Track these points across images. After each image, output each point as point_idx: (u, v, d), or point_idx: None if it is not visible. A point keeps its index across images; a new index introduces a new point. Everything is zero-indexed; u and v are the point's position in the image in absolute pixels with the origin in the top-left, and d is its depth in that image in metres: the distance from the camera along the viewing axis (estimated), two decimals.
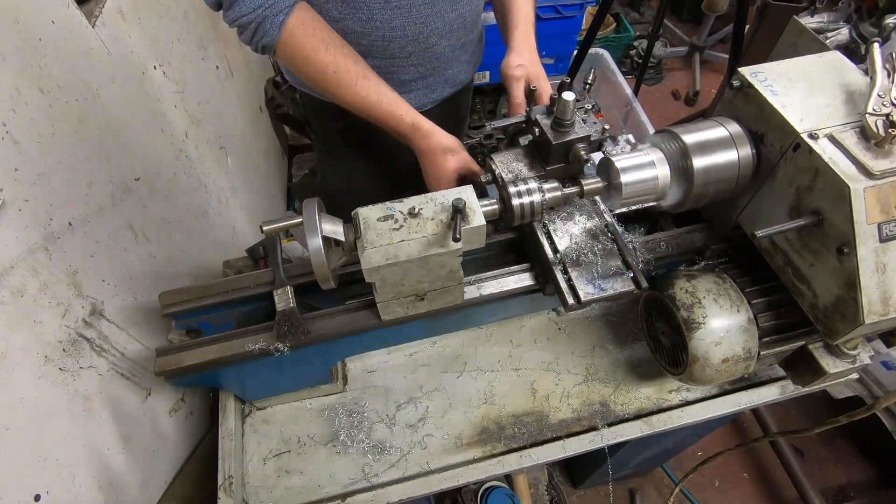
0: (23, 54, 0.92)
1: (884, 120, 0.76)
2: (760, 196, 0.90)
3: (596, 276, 0.91)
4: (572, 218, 0.97)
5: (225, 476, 1.05)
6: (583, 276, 0.91)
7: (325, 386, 1.15)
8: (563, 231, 0.96)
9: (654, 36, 2.68)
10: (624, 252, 0.93)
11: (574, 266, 0.92)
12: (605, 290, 0.90)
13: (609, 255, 0.93)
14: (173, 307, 1.02)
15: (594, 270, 0.92)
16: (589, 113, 0.94)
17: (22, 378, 0.86)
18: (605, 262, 0.92)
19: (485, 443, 1.12)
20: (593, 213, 0.98)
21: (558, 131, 0.91)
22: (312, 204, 0.80)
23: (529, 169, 0.97)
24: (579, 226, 0.97)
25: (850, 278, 0.76)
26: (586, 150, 0.92)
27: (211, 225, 1.67)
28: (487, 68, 2.74)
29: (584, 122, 0.92)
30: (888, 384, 1.92)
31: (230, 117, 2.01)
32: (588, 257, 0.92)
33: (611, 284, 0.90)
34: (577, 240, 0.94)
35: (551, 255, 0.93)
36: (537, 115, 0.94)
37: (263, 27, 0.96)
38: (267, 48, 1.00)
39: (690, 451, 2.23)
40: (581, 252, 0.93)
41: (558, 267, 0.92)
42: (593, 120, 0.94)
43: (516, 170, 0.97)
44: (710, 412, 1.12)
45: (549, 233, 0.96)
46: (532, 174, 0.95)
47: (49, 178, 0.96)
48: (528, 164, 0.98)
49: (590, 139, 0.92)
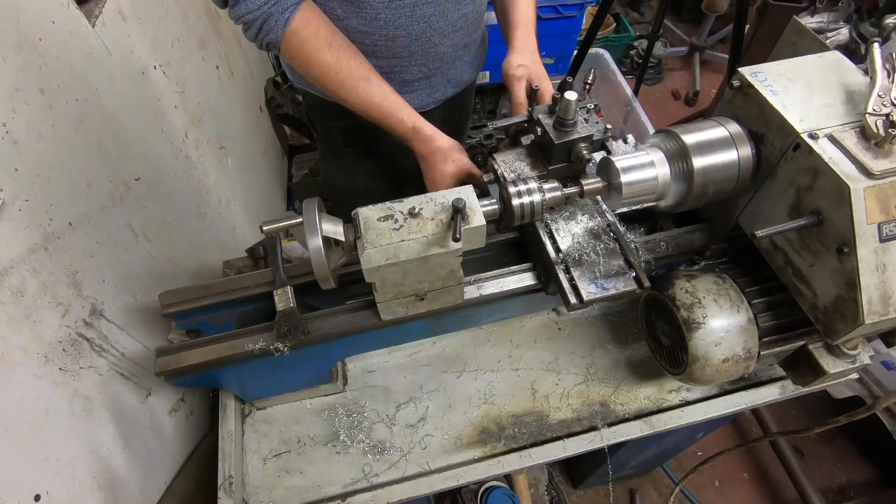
0: (23, 54, 0.92)
1: (884, 120, 0.76)
2: (760, 196, 0.90)
3: (598, 275, 0.91)
4: (574, 217, 0.98)
5: (225, 476, 1.05)
6: (585, 276, 0.91)
7: (325, 386, 1.15)
8: (565, 231, 0.96)
9: (654, 36, 2.69)
10: (626, 251, 0.93)
11: (576, 266, 0.92)
12: (608, 289, 0.90)
13: (611, 255, 0.93)
14: (173, 307, 1.02)
15: (596, 270, 0.92)
16: (591, 112, 0.94)
17: (22, 378, 0.86)
18: (607, 261, 0.92)
19: (485, 443, 1.12)
20: (595, 213, 0.98)
21: (560, 131, 0.91)
22: (312, 204, 0.80)
23: (531, 169, 0.97)
24: (581, 225, 0.97)
25: (850, 278, 0.76)
26: (588, 149, 0.92)
27: (211, 225, 1.67)
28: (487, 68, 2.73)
29: (586, 122, 0.92)
30: (888, 384, 1.92)
31: (230, 117, 2.01)
32: (590, 257, 0.92)
33: (613, 284, 0.90)
34: (580, 239, 0.94)
35: (553, 254, 0.93)
36: (539, 114, 0.94)
37: (268, 24, 0.96)
38: (271, 45, 1.00)
39: (690, 451, 2.23)
40: (583, 252, 0.93)
41: (561, 266, 0.92)
42: (595, 119, 0.94)
43: (518, 169, 0.97)
44: (710, 412, 1.12)
45: (551, 232, 0.96)
46: (534, 174, 0.95)
47: (49, 178, 0.96)
48: (531, 164, 0.98)
49: (592, 139, 0.92)
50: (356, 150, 1.44)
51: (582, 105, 0.93)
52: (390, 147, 1.36)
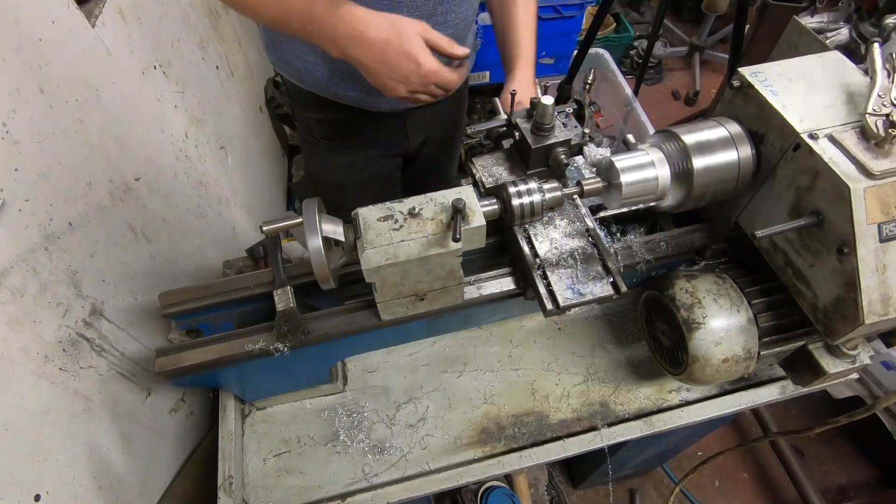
0: (23, 54, 0.92)
1: (884, 120, 0.76)
2: (760, 196, 0.90)
3: (575, 280, 0.90)
4: (553, 222, 0.97)
5: (225, 476, 1.05)
6: (562, 281, 0.90)
7: (325, 386, 1.15)
8: (543, 235, 0.95)
9: (654, 36, 2.68)
10: (604, 256, 0.92)
11: (553, 271, 0.91)
12: (584, 294, 0.89)
13: (589, 260, 0.92)
14: (173, 307, 1.02)
15: (574, 275, 0.91)
16: (569, 117, 0.95)
17: (22, 378, 0.86)
18: (584, 266, 0.91)
19: (485, 443, 1.12)
20: (574, 218, 0.97)
21: (538, 135, 0.92)
22: (312, 204, 0.80)
23: (510, 173, 0.97)
24: (560, 230, 0.96)
25: (850, 278, 0.76)
26: (566, 153, 0.92)
27: (211, 225, 1.67)
28: (487, 68, 2.74)
29: (564, 126, 0.93)
30: (888, 384, 1.92)
31: (230, 117, 2.01)
32: (568, 262, 0.92)
33: (590, 289, 0.89)
34: (558, 244, 0.94)
35: (531, 259, 0.92)
36: (518, 118, 0.94)
37: None
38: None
39: (690, 451, 2.23)
40: (561, 256, 0.92)
41: (538, 272, 0.91)
42: (574, 124, 0.95)
43: (497, 174, 0.97)
44: (710, 412, 1.12)
45: (529, 237, 0.95)
46: (512, 178, 0.95)
47: (49, 178, 0.96)
48: (509, 168, 0.98)
49: (570, 143, 0.93)
50: (332, 143, 1.41)
51: (560, 110, 0.93)
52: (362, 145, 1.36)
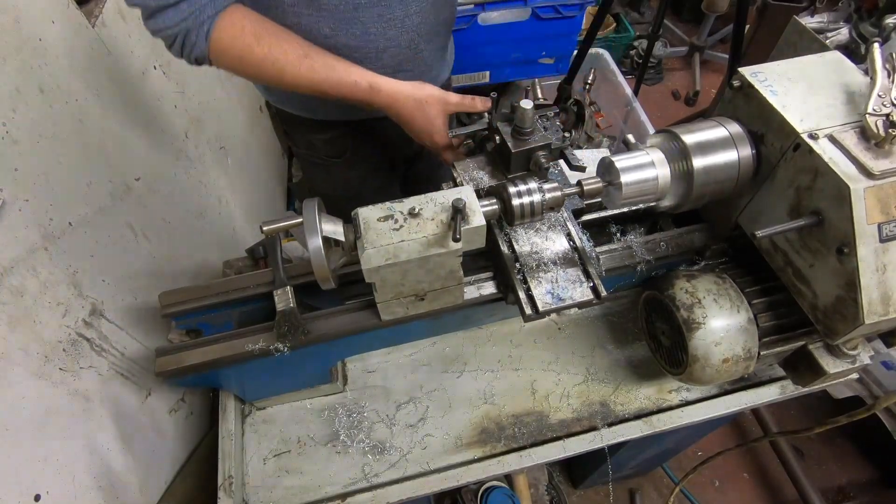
0: (23, 54, 0.92)
1: (884, 120, 0.76)
2: (760, 196, 0.90)
3: (555, 285, 0.90)
4: (534, 226, 0.96)
5: (225, 476, 1.05)
6: (542, 286, 0.90)
7: (325, 386, 1.15)
8: (524, 239, 0.94)
9: (654, 36, 2.68)
10: (584, 261, 0.92)
11: (534, 275, 0.91)
12: (564, 300, 0.88)
13: (569, 264, 0.92)
14: (173, 307, 1.02)
15: (554, 280, 0.90)
16: (551, 121, 0.94)
17: (22, 378, 0.86)
18: (565, 271, 0.91)
19: (485, 443, 1.12)
20: (556, 222, 0.97)
21: (518, 139, 0.91)
22: (312, 204, 0.80)
23: (491, 177, 0.97)
24: (541, 234, 0.95)
25: (850, 278, 0.76)
26: (547, 157, 0.92)
27: (211, 225, 1.67)
28: (487, 68, 2.74)
29: (545, 130, 0.92)
30: (888, 384, 1.92)
31: (230, 117, 2.01)
32: (548, 266, 0.91)
33: (569, 294, 0.89)
34: (538, 248, 0.93)
35: (511, 263, 0.92)
36: (498, 122, 0.94)
37: (190, 40, 0.89)
38: (200, 60, 0.93)
39: (690, 451, 2.23)
40: (541, 261, 0.92)
41: (518, 277, 0.91)
42: (556, 127, 0.94)
43: (477, 178, 0.97)
44: (710, 412, 1.12)
45: (510, 241, 0.94)
46: (493, 182, 0.95)
47: (49, 178, 0.96)
48: (490, 172, 0.98)
49: (550, 147, 0.92)
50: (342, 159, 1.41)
51: (542, 113, 0.93)
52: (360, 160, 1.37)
